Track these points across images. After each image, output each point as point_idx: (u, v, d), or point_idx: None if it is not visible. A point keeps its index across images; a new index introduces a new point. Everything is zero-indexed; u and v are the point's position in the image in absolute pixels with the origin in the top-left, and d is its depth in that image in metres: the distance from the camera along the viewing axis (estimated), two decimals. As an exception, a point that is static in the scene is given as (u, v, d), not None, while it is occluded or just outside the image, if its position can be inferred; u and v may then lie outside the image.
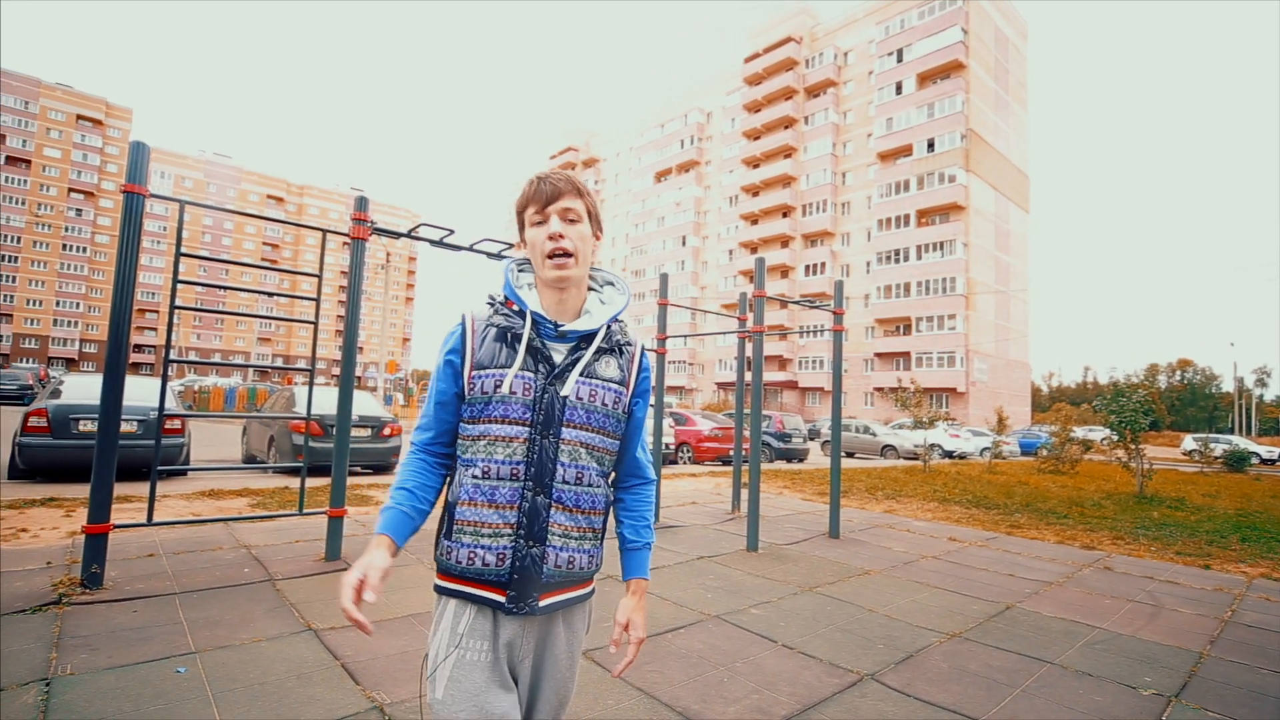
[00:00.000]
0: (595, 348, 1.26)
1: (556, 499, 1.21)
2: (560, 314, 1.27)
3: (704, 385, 59.75)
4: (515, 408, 1.20)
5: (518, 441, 1.20)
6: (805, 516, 7.81)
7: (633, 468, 1.37)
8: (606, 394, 1.26)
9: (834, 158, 51.31)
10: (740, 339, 8.14)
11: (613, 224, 73.37)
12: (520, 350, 1.22)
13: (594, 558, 1.28)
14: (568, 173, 1.28)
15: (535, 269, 1.27)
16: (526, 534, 1.19)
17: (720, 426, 15.96)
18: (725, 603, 4.10)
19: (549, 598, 1.22)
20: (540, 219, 1.24)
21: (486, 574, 1.19)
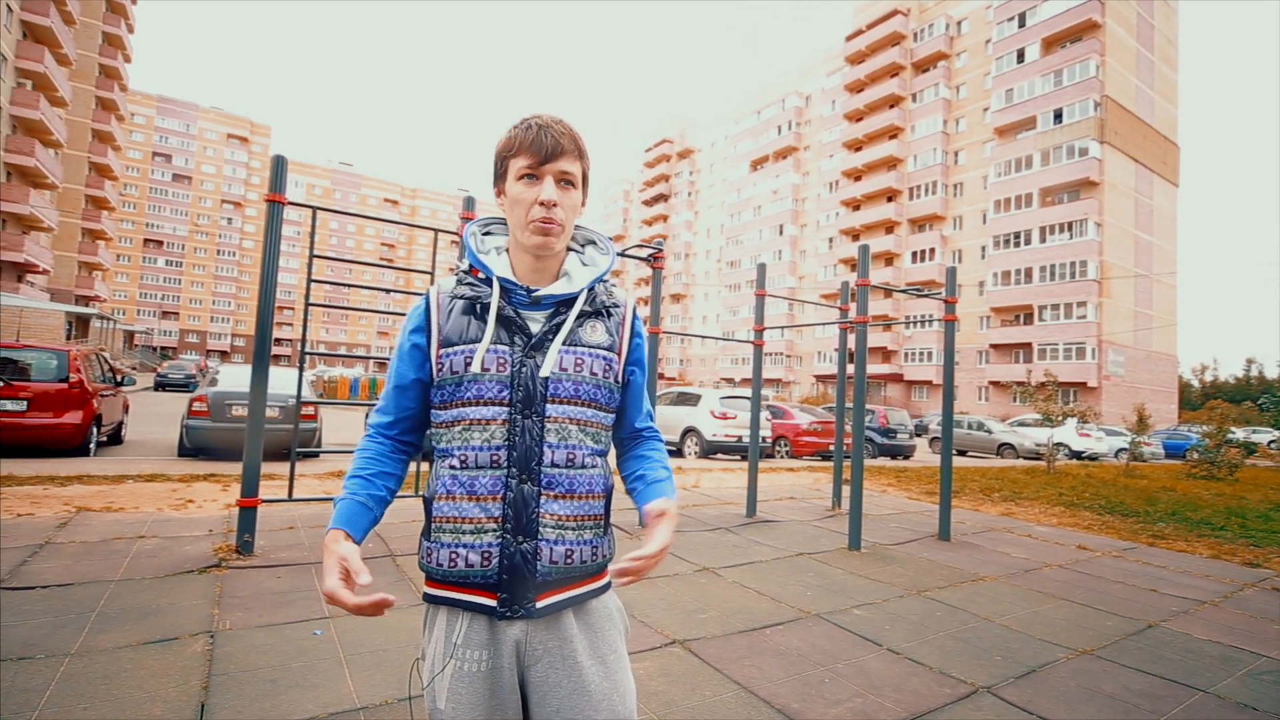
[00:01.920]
0: (577, 312, 1.11)
1: (546, 485, 1.06)
2: (536, 279, 1.12)
3: (802, 378, 58.13)
4: (490, 386, 1.06)
5: (496, 424, 1.06)
6: (911, 516, 7.42)
7: (632, 433, 1.23)
8: (595, 362, 1.11)
9: (945, 136, 48.01)
10: (841, 330, 7.83)
11: (708, 215, 72.77)
12: (490, 321, 1.08)
13: (598, 549, 1.11)
14: (570, 125, 1.11)
15: (512, 229, 1.12)
16: (514, 528, 1.05)
17: (819, 420, 15.47)
18: (826, 601, 3.98)
19: (548, 597, 1.06)
20: (532, 175, 1.07)
21: (472, 576, 1.05)
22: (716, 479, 9.63)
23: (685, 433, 13.91)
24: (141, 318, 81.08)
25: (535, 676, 1.07)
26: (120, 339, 52.50)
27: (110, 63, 45.13)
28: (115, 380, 9.75)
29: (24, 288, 36.60)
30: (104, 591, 3.32)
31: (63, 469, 6.90)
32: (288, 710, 2.27)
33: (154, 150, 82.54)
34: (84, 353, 8.66)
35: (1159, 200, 44.23)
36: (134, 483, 6.34)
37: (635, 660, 2.91)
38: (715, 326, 67.48)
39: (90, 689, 2.33)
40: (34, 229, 37.49)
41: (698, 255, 74.24)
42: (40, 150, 34.82)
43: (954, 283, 6.44)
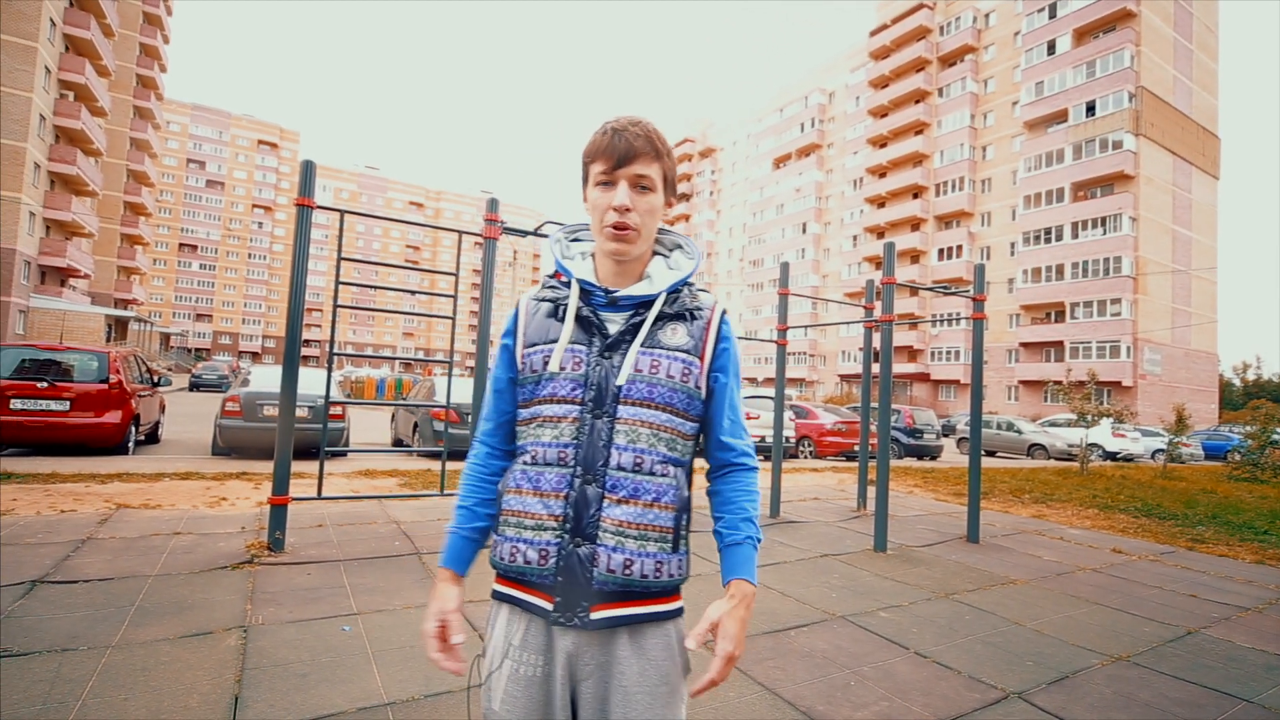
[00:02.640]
0: (656, 313, 1.09)
1: (610, 488, 1.03)
2: (617, 282, 1.12)
3: (826, 377, 57.54)
4: (564, 385, 1.07)
5: (566, 422, 1.06)
6: (939, 518, 7.29)
7: (721, 452, 1.15)
8: (673, 364, 1.07)
9: (972, 131, 47.11)
10: (867, 329, 7.73)
11: (730, 214, 72.45)
12: (568, 321, 1.09)
13: (664, 565, 1.05)
14: (649, 126, 1.09)
15: (593, 233, 1.13)
16: (574, 529, 1.03)
17: (844, 420, 15.30)
18: (851, 603, 3.94)
19: (604, 610, 1.02)
20: (607, 180, 1.07)
21: (529, 574, 1.05)
22: (739, 479, 9.56)
23: (708, 433, 13.84)
24: (177, 320, 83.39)
25: (585, 693, 1.04)
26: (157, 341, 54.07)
27: (147, 73, 46.48)
28: (152, 381, 10.04)
29: (66, 292, 37.90)
30: (142, 586, 3.42)
31: (103, 467, 7.12)
32: (318, 705, 2.32)
33: (188, 157, 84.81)
34: (123, 354, 8.93)
35: (1198, 193, 42.86)
36: (170, 480, 6.52)
37: (658, 660, 2.90)
38: (738, 326, 67.10)
39: (130, 680, 2.40)
40: (76, 235, 38.79)
41: (720, 254, 73.94)
42: (81, 159, 36.02)
43: (982, 280, 6.31)
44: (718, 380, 1.13)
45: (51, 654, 2.57)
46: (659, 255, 1.18)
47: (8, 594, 3.17)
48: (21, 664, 2.46)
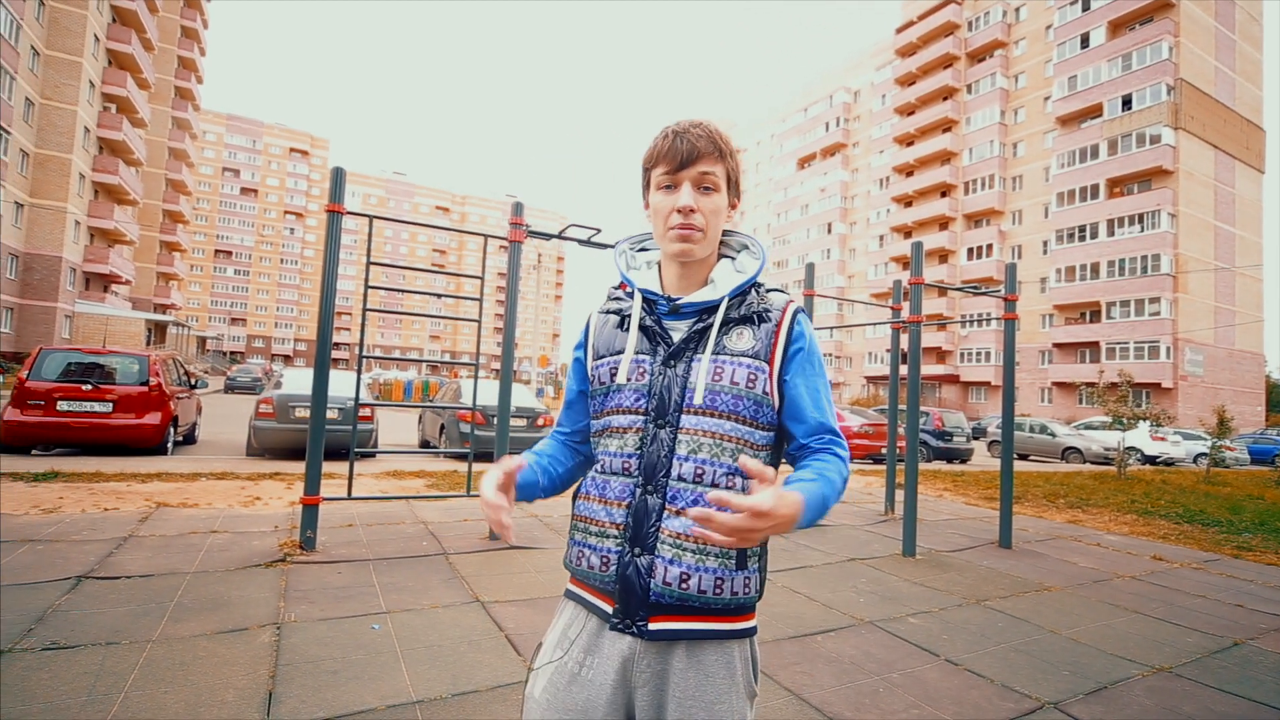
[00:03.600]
0: (721, 319, 1.06)
1: (670, 499, 1.01)
2: (682, 288, 1.11)
3: (851, 379, 56.84)
4: (629, 395, 1.07)
5: (631, 432, 1.06)
6: (969, 523, 7.15)
7: (804, 437, 1.06)
8: (737, 370, 1.03)
9: (1002, 127, 46.15)
10: (894, 330, 7.62)
11: (754, 215, 72.05)
12: (632, 332, 1.09)
13: (724, 582, 1.01)
14: (712, 126, 1.08)
15: (657, 240, 1.11)
16: (633, 537, 1.02)
17: (871, 423, 15.09)
18: (879, 609, 3.88)
19: (661, 622, 1.01)
20: (670, 183, 1.06)
21: (593, 578, 1.06)
22: (764, 482, 9.49)
23: (732, 435, 13.76)
24: (212, 324, 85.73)
25: (640, 700, 1.02)
26: (193, 344, 55.66)
27: (184, 84, 47.94)
28: (189, 383, 10.33)
29: (109, 297, 39.25)
30: (181, 583, 3.52)
31: (144, 467, 7.35)
32: (349, 701, 2.36)
33: (224, 166, 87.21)
34: (162, 358, 9.22)
35: (1242, 188, 41.36)
36: (207, 480, 6.70)
37: (684, 663, 2.89)
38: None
39: (170, 674, 2.47)
40: (118, 242, 40.15)
41: (744, 255, 73.50)
42: (123, 169, 37.29)
43: (1014, 279, 6.18)
44: (793, 384, 1.06)
45: (96, 647, 2.65)
46: (725, 258, 1.15)
47: (55, 588, 3.28)
48: (68, 656, 2.55)
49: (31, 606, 3.03)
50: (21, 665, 2.45)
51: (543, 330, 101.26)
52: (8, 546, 3.93)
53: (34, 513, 4.81)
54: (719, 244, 1.15)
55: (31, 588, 3.28)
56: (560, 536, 5.18)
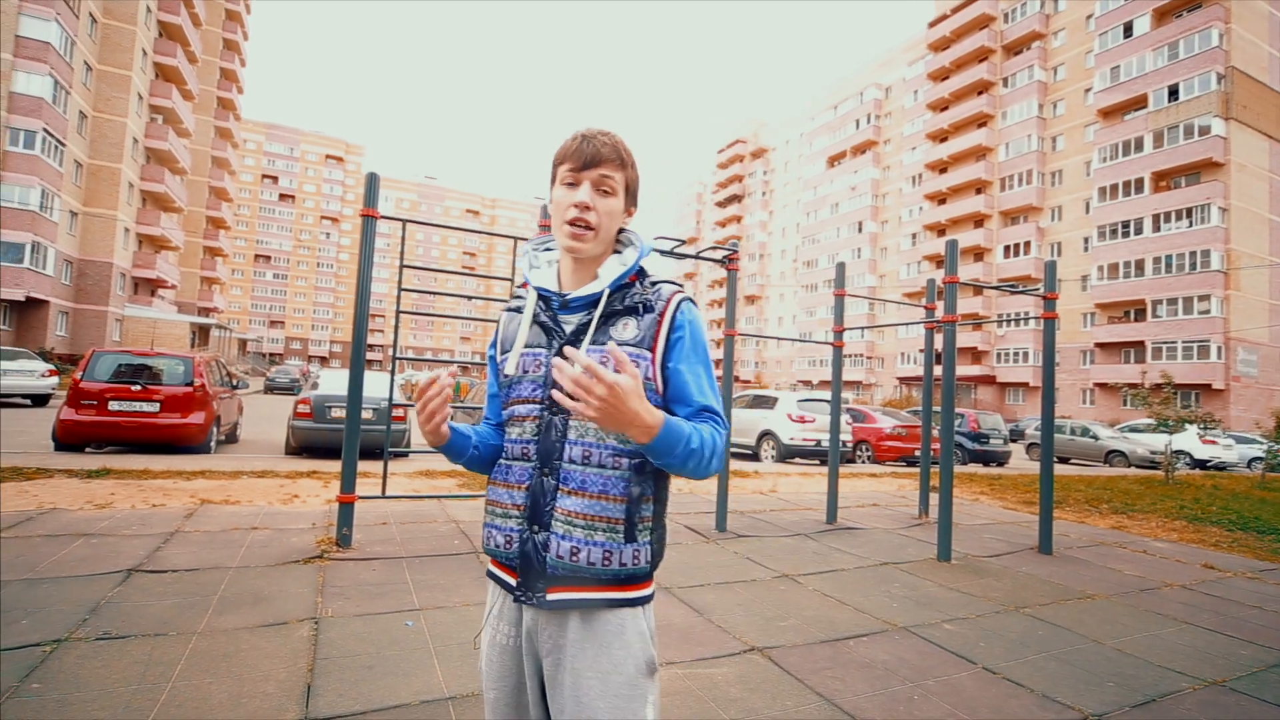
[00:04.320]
0: (601, 311, 1.13)
1: (562, 480, 1.11)
2: (576, 283, 1.19)
3: (883, 380, 55.88)
4: (528, 386, 1.16)
5: (529, 420, 1.15)
6: (1007, 527, 6.96)
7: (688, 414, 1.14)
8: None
9: (1040, 121, 44.87)
10: (927, 330, 7.48)
11: (783, 214, 71.41)
12: (523, 325, 1.18)
13: (612, 554, 1.08)
14: (618, 137, 1.17)
15: (554, 232, 1.19)
16: (531, 517, 1.12)
17: (904, 424, 14.82)
18: (913, 614, 3.80)
19: (557, 592, 1.10)
20: (572, 180, 1.14)
21: (500, 555, 1.16)
22: (794, 484, 9.40)
23: (761, 436, 13.67)
24: (253, 326, 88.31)
25: (546, 669, 1.13)
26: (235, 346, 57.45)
27: (226, 95, 49.53)
28: (231, 384, 10.66)
29: (155, 301, 40.74)
30: (224, 577, 3.64)
31: (188, 465, 7.61)
32: (384, 696, 2.40)
33: (263, 173, 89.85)
34: (206, 359, 9.53)
35: (1298, 180, 39.48)
36: (247, 478, 6.91)
37: (712, 665, 2.88)
38: (792, 328, 66.02)
39: (214, 665, 2.55)
40: (164, 248, 41.66)
41: (773, 255, 72.93)
42: (169, 177, 38.69)
43: (1053, 277, 6.00)
44: (675, 372, 1.13)
45: (145, 638, 2.75)
46: (616, 255, 1.22)
47: (108, 581, 3.42)
48: (120, 646, 2.65)
49: (85, 598, 3.16)
50: (76, 654, 2.56)
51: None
52: (64, 539, 4.10)
53: (88, 508, 5.01)
54: (613, 244, 1.22)
55: (86, 580, 3.42)
56: (589, 537, 5.20)
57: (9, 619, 2.85)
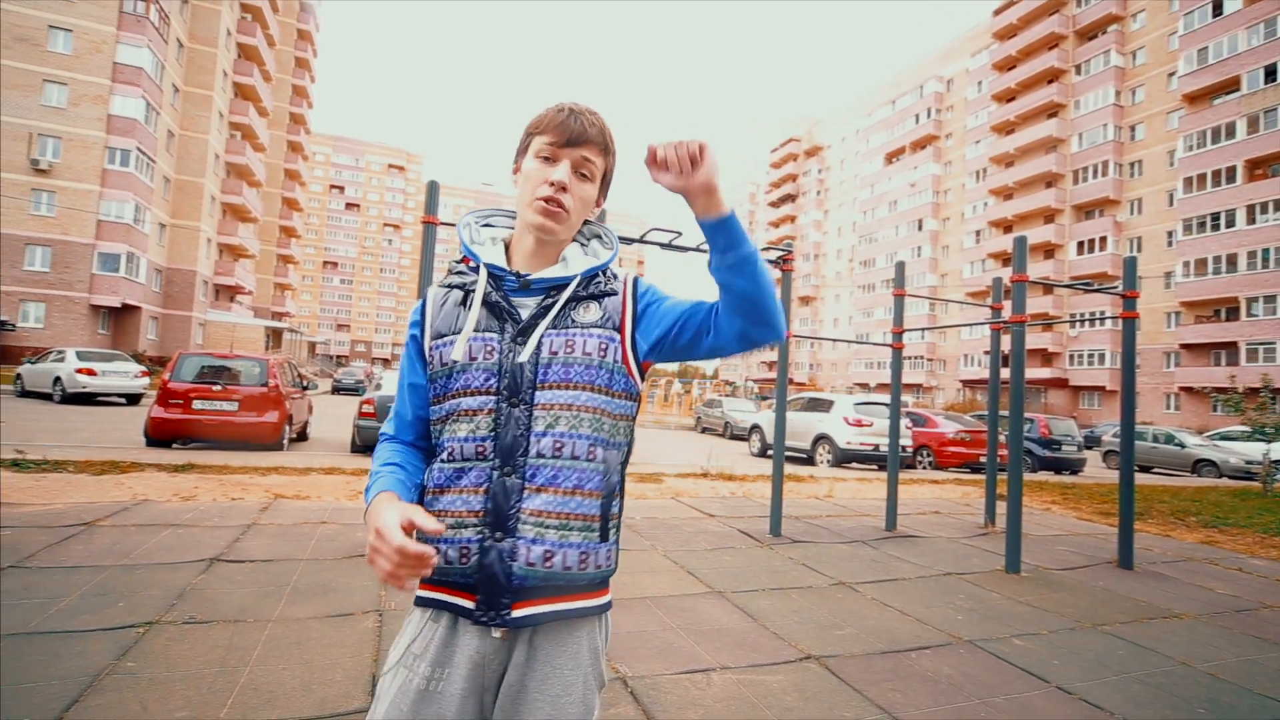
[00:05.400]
0: (570, 295, 1.04)
1: (529, 478, 0.98)
2: (533, 266, 1.08)
3: (945, 383, 53.84)
4: (478, 375, 1.01)
5: (483, 414, 1.00)
6: (1082, 539, 6.58)
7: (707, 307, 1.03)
8: (589, 341, 1.02)
9: (1117, 109, 42.33)
10: (994, 331, 7.16)
11: (838, 213, 69.86)
12: (474, 307, 1.03)
13: (589, 556, 0.99)
14: (604, 121, 1.07)
15: (519, 207, 1.07)
16: (493, 523, 0.97)
17: (968, 429, 14.24)
18: (979, 628, 3.64)
19: (526, 607, 0.97)
20: (550, 155, 1.04)
21: (452, 574, 0.99)
22: (851, 489, 9.17)
23: (816, 440, 13.39)
24: (321, 330, 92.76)
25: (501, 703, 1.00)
26: (304, 349, 60.47)
27: (297, 110, 52.25)
28: (302, 385, 11.21)
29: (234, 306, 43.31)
30: (296, 568, 3.82)
31: (263, 461, 8.04)
32: (444, 688, 2.47)
33: (330, 183, 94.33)
34: (279, 361, 10.06)
35: None
36: (316, 475, 7.24)
37: (767, 672, 2.84)
38: (848, 329, 64.47)
39: (287, 652, 2.68)
40: (241, 256, 44.26)
41: (828, 256, 71.43)
42: (246, 189, 41.15)
43: (1134, 274, 5.64)
44: (661, 311, 1.05)
45: (226, 624, 2.92)
46: (577, 243, 1.14)
47: (192, 569, 3.65)
48: (204, 630, 2.83)
49: (173, 583, 3.38)
50: (165, 636, 2.74)
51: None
52: (154, 529, 4.41)
53: (175, 500, 5.37)
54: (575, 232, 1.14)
55: (173, 567, 3.66)
56: (643, 538, 5.21)
57: (108, 601, 3.08)
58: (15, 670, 2.37)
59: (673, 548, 5.00)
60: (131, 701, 2.21)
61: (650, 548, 4.94)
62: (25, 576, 3.36)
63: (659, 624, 3.35)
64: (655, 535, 5.36)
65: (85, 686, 2.29)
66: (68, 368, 15.42)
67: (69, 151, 29.97)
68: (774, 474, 5.80)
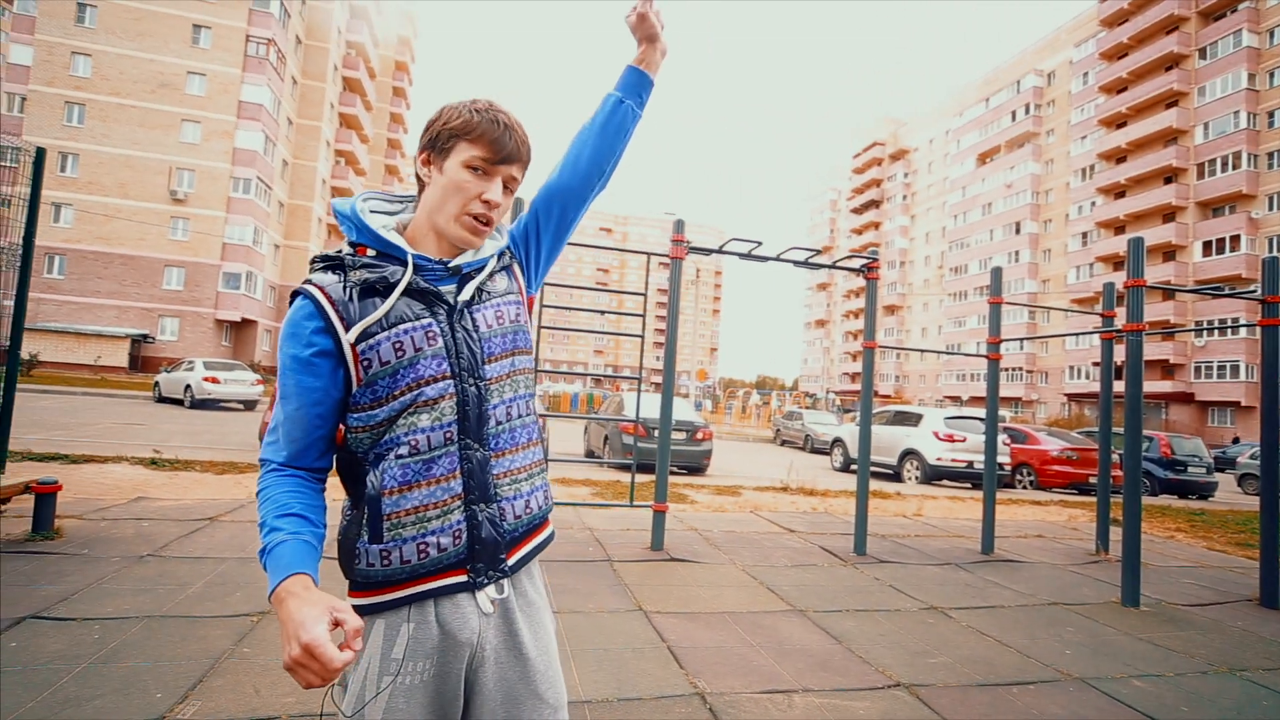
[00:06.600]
0: (489, 272, 1.10)
1: (494, 448, 1.04)
2: (442, 253, 1.09)
3: (1047, 397, 50.06)
4: (430, 363, 1.00)
5: (445, 399, 1.00)
6: (1213, 572, 5.91)
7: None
8: (508, 308, 1.11)
9: (1250, 94, 38.17)
10: (1104, 340, 6.60)
11: (926, 218, 66.82)
12: (395, 298, 1.00)
13: (548, 492, 1.15)
14: (526, 131, 1.10)
15: (433, 209, 1.05)
16: (476, 498, 1.02)
17: (1074, 446, 13.15)
18: (1091, 664, 3.34)
19: (517, 552, 1.06)
20: (483, 170, 1.04)
21: (443, 562, 0.99)
22: (942, 508, 8.67)
23: (904, 455, 12.78)
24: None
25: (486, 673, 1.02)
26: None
27: (394, 136, 55.82)
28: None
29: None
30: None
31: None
32: (525, 692, 2.52)
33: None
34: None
35: None
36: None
37: (853, 698, 2.72)
38: (936, 339, 61.31)
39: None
40: (344, 273, 47.65)
41: (915, 263, 68.37)
42: (348, 211, 44.36)
43: (1276, 276, 5.04)
44: (543, 195, 1.21)
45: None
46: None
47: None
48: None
49: (282, 578, 3.65)
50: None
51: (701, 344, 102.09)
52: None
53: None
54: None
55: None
56: (720, 551, 5.14)
57: (228, 590, 3.37)
58: (151, 648, 2.63)
59: (751, 563, 4.90)
60: (246, 685, 2.40)
61: (728, 561, 4.87)
62: (161, 564, 3.73)
63: (738, 640, 3.29)
64: (733, 549, 5.28)
65: (208, 668, 2.51)
66: (196, 376, 17.08)
67: (200, 182, 33.41)
68: (858, 489, 5.57)
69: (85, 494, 5.31)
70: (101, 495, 5.36)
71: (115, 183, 32.25)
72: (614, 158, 1.23)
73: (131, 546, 4.02)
